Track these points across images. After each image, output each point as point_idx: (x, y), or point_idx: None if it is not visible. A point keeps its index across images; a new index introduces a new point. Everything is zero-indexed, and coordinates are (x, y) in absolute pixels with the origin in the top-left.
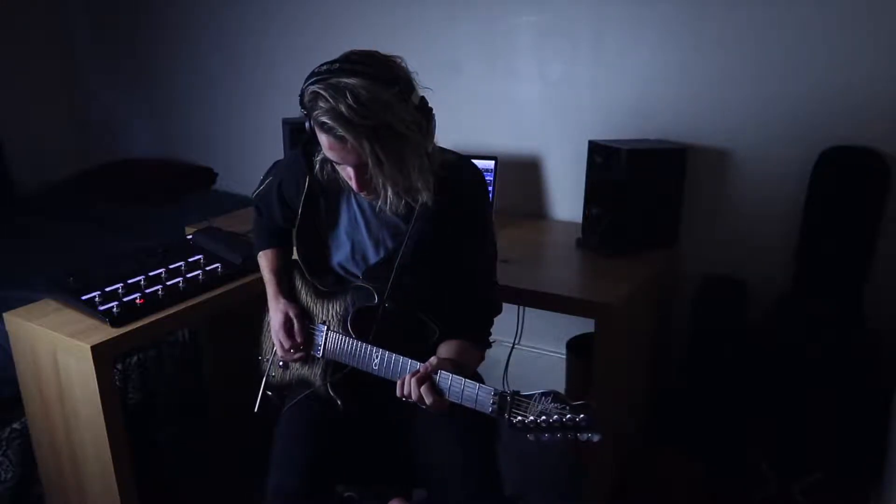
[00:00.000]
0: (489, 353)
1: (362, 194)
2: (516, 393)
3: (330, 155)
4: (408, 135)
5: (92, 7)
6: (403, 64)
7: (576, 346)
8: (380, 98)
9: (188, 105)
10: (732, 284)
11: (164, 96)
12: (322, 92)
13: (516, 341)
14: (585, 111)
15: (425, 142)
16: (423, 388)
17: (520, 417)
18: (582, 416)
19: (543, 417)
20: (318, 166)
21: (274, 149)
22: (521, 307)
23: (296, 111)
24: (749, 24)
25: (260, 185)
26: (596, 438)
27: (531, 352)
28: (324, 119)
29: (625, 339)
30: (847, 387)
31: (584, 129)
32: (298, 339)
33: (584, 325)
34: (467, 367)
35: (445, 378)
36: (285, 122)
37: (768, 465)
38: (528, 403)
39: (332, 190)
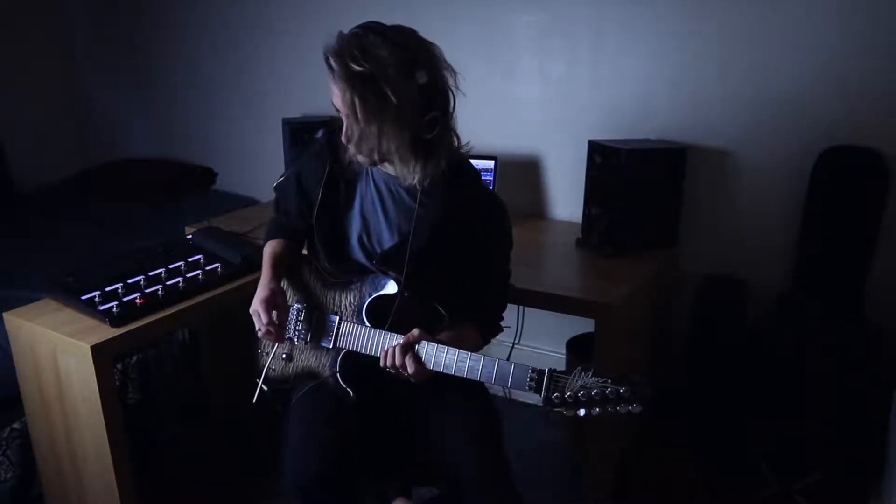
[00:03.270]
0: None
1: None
2: (553, 370)
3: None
4: (391, 99)
5: (92, 7)
6: (437, 52)
7: (576, 346)
8: (379, 53)
9: (188, 105)
10: (732, 284)
11: (164, 96)
12: (346, 33)
13: (516, 341)
14: (585, 111)
15: (411, 120)
16: (407, 358)
17: (557, 394)
18: (625, 387)
19: (583, 392)
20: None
21: (274, 149)
22: (521, 307)
23: (296, 111)
24: (749, 23)
25: (281, 178)
26: (638, 410)
27: (531, 351)
28: (326, 52)
29: (625, 339)
30: (847, 387)
31: (584, 129)
32: (280, 317)
33: (584, 325)
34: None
35: (477, 360)
36: (285, 122)
37: (768, 465)
38: (567, 379)
39: (351, 173)
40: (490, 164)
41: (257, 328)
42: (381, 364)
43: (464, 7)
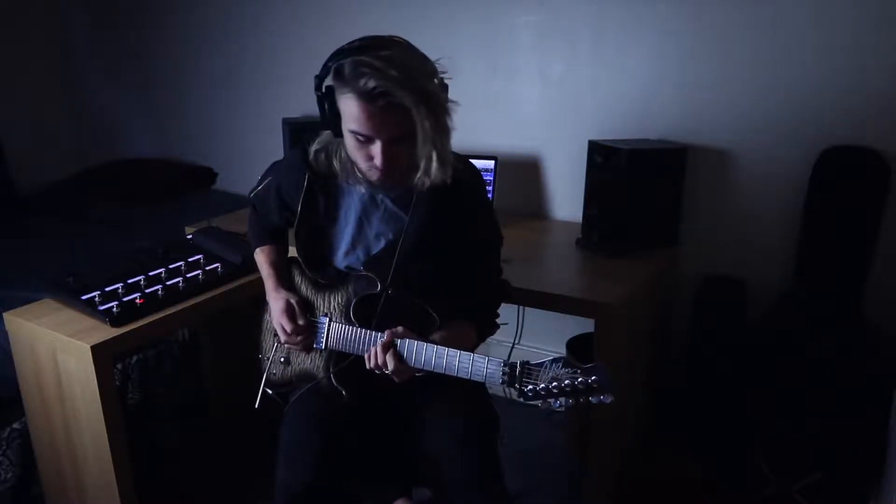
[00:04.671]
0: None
1: (379, 178)
2: (526, 362)
3: (365, 127)
4: (444, 105)
5: (92, 7)
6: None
7: (576, 346)
8: (420, 66)
9: (188, 105)
10: (732, 284)
11: (164, 96)
12: (367, 59)
13: (516, 341)
14: (585, 111)
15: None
16: (388, 356)
17: (530, 386)
18: (594, 377)
19: (555, 383)
20: (312, 155)
21: (274, 149)
22: (521, 307)
23: (296, 111)
24: (749, 23)
25: (257, 185)
26: (608, 399)
27: (531, 351)
28: (374, 84)
29: (625, 339)
30: (847, 386)
31: (584, 129)
32: (301, 323)
33: (584, 325)
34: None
35: (454, 355)
36: (285, 121)
37: (768, 465)
38: (539, 371)
39: (331, 186)
40: (490, 164)
41: (282, 339)
42: (367, 365)
43: (464, 7)
